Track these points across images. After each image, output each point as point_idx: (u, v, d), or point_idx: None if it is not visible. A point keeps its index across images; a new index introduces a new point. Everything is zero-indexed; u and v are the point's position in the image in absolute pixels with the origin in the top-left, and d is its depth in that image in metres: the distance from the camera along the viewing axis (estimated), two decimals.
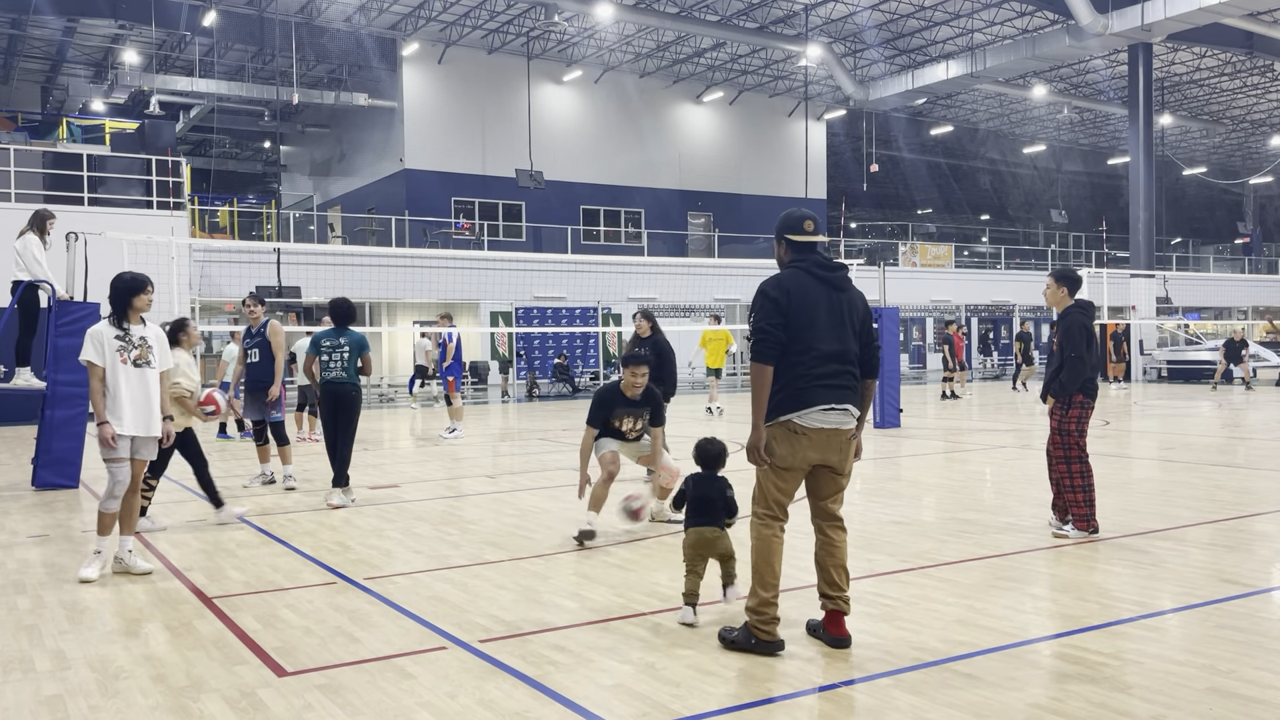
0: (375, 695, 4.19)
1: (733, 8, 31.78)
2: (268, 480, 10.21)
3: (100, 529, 6.37)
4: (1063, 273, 7.38)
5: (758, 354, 4.56)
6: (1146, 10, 28.57)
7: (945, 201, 50.93)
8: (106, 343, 6.32)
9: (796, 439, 4.58)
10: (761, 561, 4.62)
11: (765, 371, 4.56)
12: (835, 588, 4.71)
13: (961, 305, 36.38)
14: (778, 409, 4.60)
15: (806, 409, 4.56)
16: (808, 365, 4.59)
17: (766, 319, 4.58)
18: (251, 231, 33.77)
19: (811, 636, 4.81)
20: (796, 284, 4.66)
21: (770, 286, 4.66)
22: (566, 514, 8.49)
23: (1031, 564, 6.35)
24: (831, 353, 4.64)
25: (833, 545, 4.75)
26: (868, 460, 12.03)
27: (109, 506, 6.36)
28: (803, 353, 4.59)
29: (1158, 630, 4.91)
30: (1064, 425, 7.13)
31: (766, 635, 4.59)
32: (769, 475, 4.65)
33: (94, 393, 6.24)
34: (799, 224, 4.84)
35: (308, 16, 30.67)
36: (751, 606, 4.62)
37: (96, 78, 34.97)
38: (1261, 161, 50.14)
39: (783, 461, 4.61)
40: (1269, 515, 7.87)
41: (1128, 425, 16.06)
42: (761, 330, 4.57)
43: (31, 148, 22.98)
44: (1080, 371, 7.00)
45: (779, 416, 4.60)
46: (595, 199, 36.03)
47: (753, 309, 4.67)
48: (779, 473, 4.63)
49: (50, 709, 4.11)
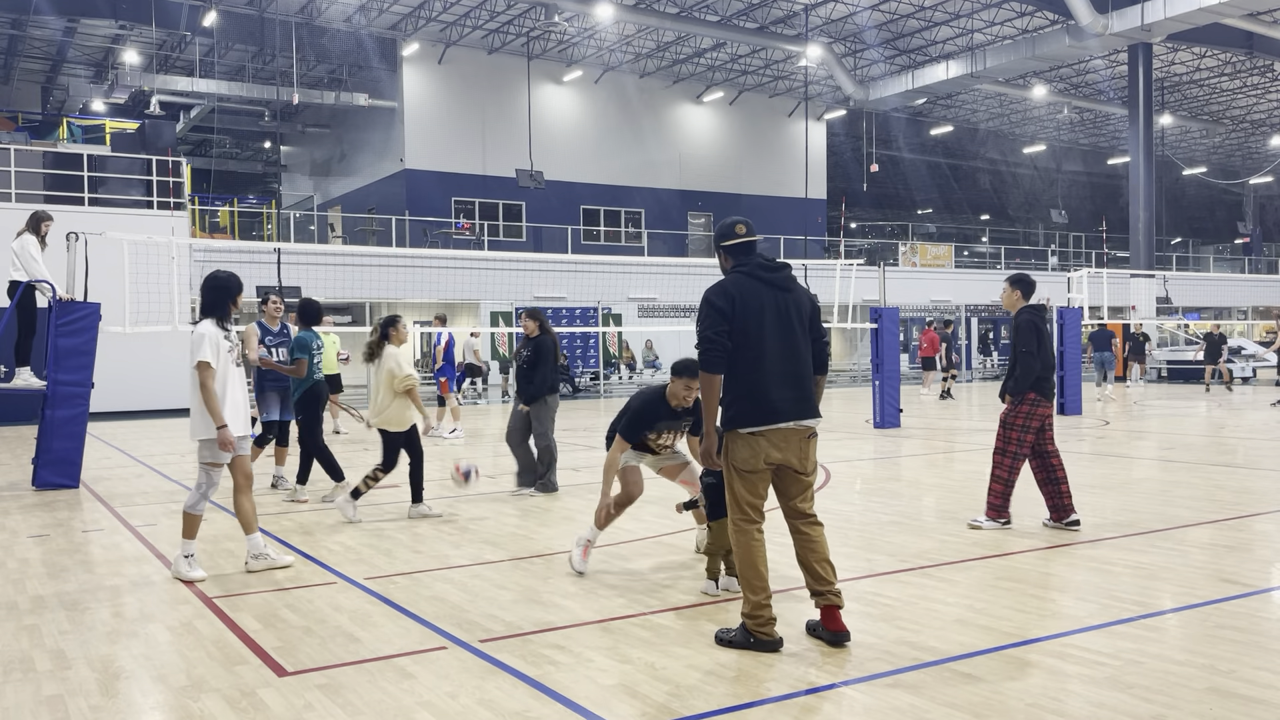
0: (375, 695, 4.19)
1: (733, 8, 31.79)
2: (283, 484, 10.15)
3: (187, 532, 6.28)
4: (1018, 277, 7.63)
5: (705, 363, 4.57)
6: (1146, 10, 28.58)
7: (945, 201, 50.94)
8: (220, 344, 6.21)
9: (756, 440, 4.60)
10: (745, 566, 4.64)
11: (714, 380, 4.59)
12: (823, 583, 4.70)
13: (961, 305, 36.38)
14: (736, 420, 4.61)
15: (767, 426, 4.58)
16: (763, 375, 4.59)
17: (712, 327, 4.57)
18: (252, 231, 33.77)
19: (812, 636, 4.82)
20: (740, 289, 4.67)
21: (714, 294, 4.66)
22: (567, 514, 8.48)
23: (1031, 564, 6.35)
24: (783, 356, 4.65)
25: (811, 542, 4.74)
26: (868, 460, 12.03)
27: (199, 509, 6.31)
28: (755, 361, 4.60)
29: (1158, 630, 4.91)
30: (1010, 419, 7.32)
31: (765, 636, 4.62)
32: (736, 479, 4.67)
33: (211, 395, 6.07)
34: (731, 230, 4.88)
35: (308, 16, 30.68)
36: (746, 612, 4.64)
37: (97, 78, 34.99)
38: (1261, 161, 50.15)
39: (746, 464, 4.62)
40: (1269, 515, 7.87)
41: (1128, 425, 16.06)
42: (707, 339, 4.56)
43: (32, 148, 22.96)
44: (1031, 368, 7.21)
45: (738, 428, 4.61)
46: (595, 199, 36.04)
47: (698, 318, 4.67)
48: (744, 476, 4.65)
49: (50, 709, 4.11)
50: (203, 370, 6.08)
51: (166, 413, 20.46)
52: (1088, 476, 10.23)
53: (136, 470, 11.88)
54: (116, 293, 11.17)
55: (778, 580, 5.43)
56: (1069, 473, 8.08)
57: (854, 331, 33.94)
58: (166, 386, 20.74)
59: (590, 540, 6.26)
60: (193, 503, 6.30)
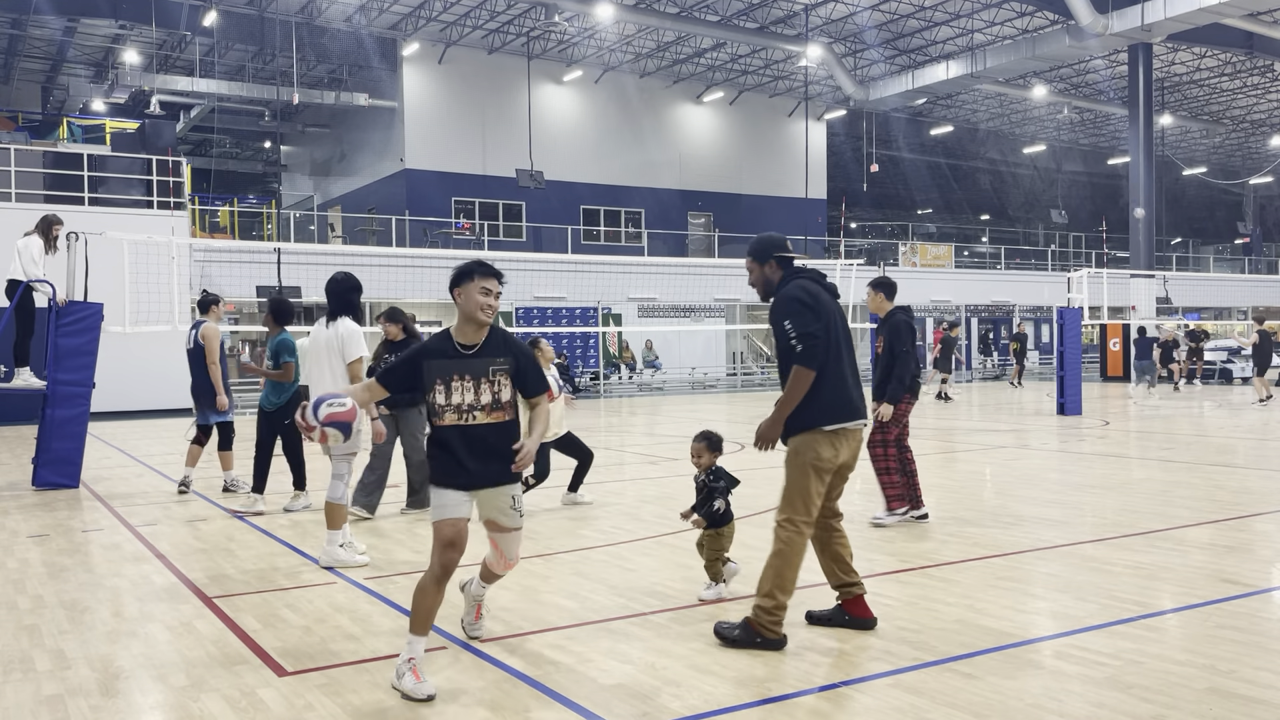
0: (375, 695, 4.19)
1: (733, 8, 31.79)
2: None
3: (333, 524, 6.52)
4: (879, 280, 7.89)
5: (809, 359, 4.65)
6: (1146, 10, 28.58)
7: (945, 201, 50.94)
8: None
9: (837, 439, 4.75)
10: (790, 568, 4.69)
11: (809, 376, 4.66)
12: (853, 574, 5.00)
13: (961, 305, 36.38)
14: (822, 416, 4.71)
15: (852, 420, 4.78)
16: (842, 374, 4.79)
17: (810, 324, 4.69)
18: (252, 231, 33.78)
19: (824, 626, 4.98)
20: (815, 293, 4.84)
21: (800, 293, 4.77)
22: (567, 514, 8.49)
23: (1031, 564, 6.35)
24: (849, 358, 4.89)
25: (842, 537, 5.04)
26: (867, 460, 12.01)
27: (343, 498, 6.54)
28: (836, 360, 4.77)
29: (1158, 630, 4.91)
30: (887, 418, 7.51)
31: (775, 634, 4.67)
32: (812, 478, 4.71)
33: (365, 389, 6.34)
34: (783, 243, 5.09)
35: (308, 16, 30.68)
36: (767, 608, 4.66)
37: (97, 78, 34.98)
38: (1261, 161, 50.15)
39: (828, 464, 4.74)
40: (1269, 515, 7.87)
41: (1128, 425, 16.06)
42: (809, 335, 4.66)
43: (32, 148, 22.97)
44: (909, 367, 7.53)
45: (826, 424, 4.71)
46: (595, 199, 36.03)
47: (785, 315, 4.73)
48: (820, 475, 4.73)
49: (50, 709, 4.11)
50: (361, 365, 6.53)
51: (167, 413, 20.47)
52: (1088, 476, 10.23)
53: (136, 470, 11.88)
54: (116, 293, 11.16)
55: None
56: (1069, 473, 8.14)
57: (853, 331, 33.90)
58: (167, 386, 20.73)
59: (417, 659, 4.20)
60: (338, 493, 6.54)
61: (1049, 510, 8.24)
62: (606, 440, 14.71)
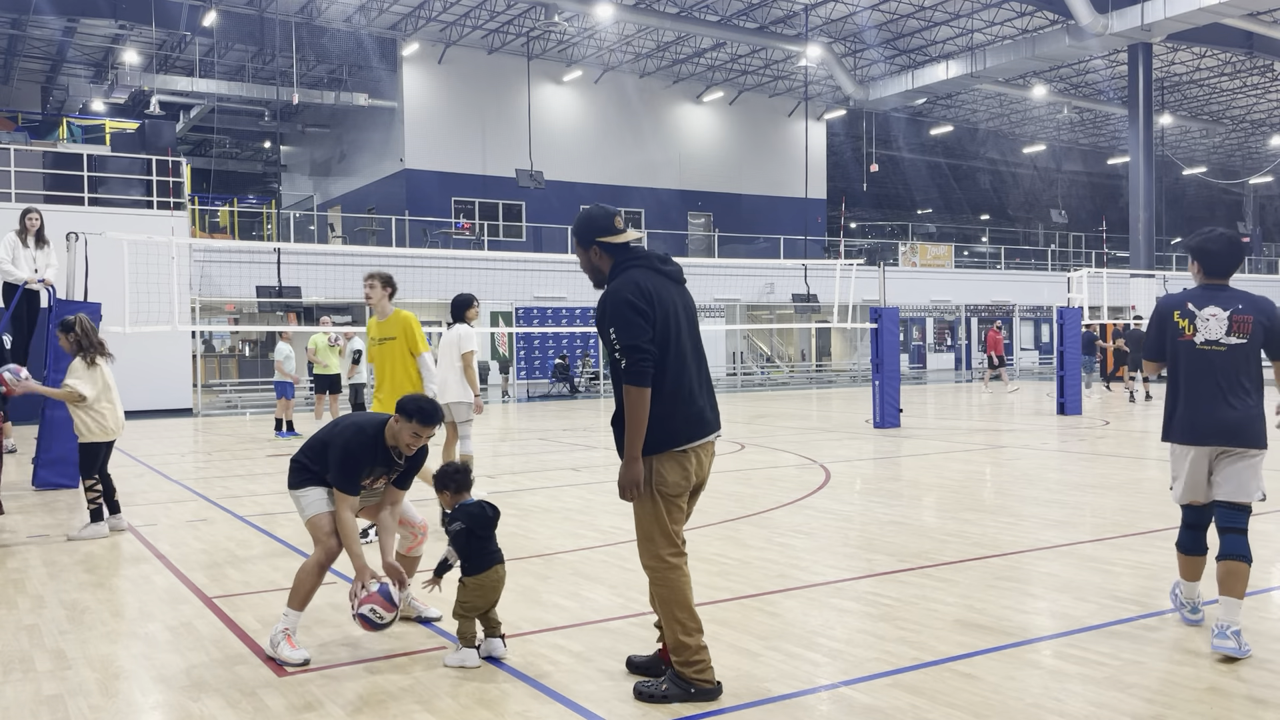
0: (376, 695, 4.19)
1: (733, 8, 31.80)
2: None
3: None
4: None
5: (637, 376, 3.91)
6: (1146, 10, 28.58)
7: (945, 201, 50.95)
8: None
9: (687, 458, 4.07)
10: (679, 607, 4.05)
11: (645, 395, 3.92)
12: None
13: (961, 305, 36.39)
14: (669, 438, 4.01)
15: (703, 438, 4.11)
16: (688, 383, 4.08)
17: (637, 334, 3.93)
18: (251, 231, 33.78)
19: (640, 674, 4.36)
20: (652, 286, 4.05)
21: (628, 292, 3.99)
22: (567, 514, 8.49)
23: (1031, 564, 6.35)
24: (697, 360, 4.18)
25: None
26: (868, 460, 12.03)
27: None
28: (679, 368, 4.06)
29: (1158, 630, 4.91)
30: None
31: (707, 682, 4.06)
32: (662, 507, 4.05)
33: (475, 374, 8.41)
34: (608, 223, 4.25)
35: (308, 16, 30.68)
36: (681, 660, 4.03)
37: (96, 78, 34.98)
38: (1261, 161, 50.15)
39: (677, 488, 4.06)
40: (1269, 515, 7.87)
41: (1128, 425, 16.06)
42: (635, 349, 3.91)
43: (31, 148, 22.97)
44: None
45: (671, 448, 4.02)
46: (595, 199, 35.96)
47: (610, 322, 3.97)
48: (672, 502, 4.06)
49: (50, 709, 4.11)
50: (472, 356, 8.37)
51: (167, 413, 20.47)
52: (1088, 476, 10.23)
53: (136, 470, 11.87)
54: (116, 293, 11.16)
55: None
56: (1067, 473, 8.07)
57: (854, 331, 33.96)
58: (166, 386, 20.75)
59: (291, 629, 4.69)
60: None
61: (1049, 510, 8.24)
62: (606, 440, 14.70)
